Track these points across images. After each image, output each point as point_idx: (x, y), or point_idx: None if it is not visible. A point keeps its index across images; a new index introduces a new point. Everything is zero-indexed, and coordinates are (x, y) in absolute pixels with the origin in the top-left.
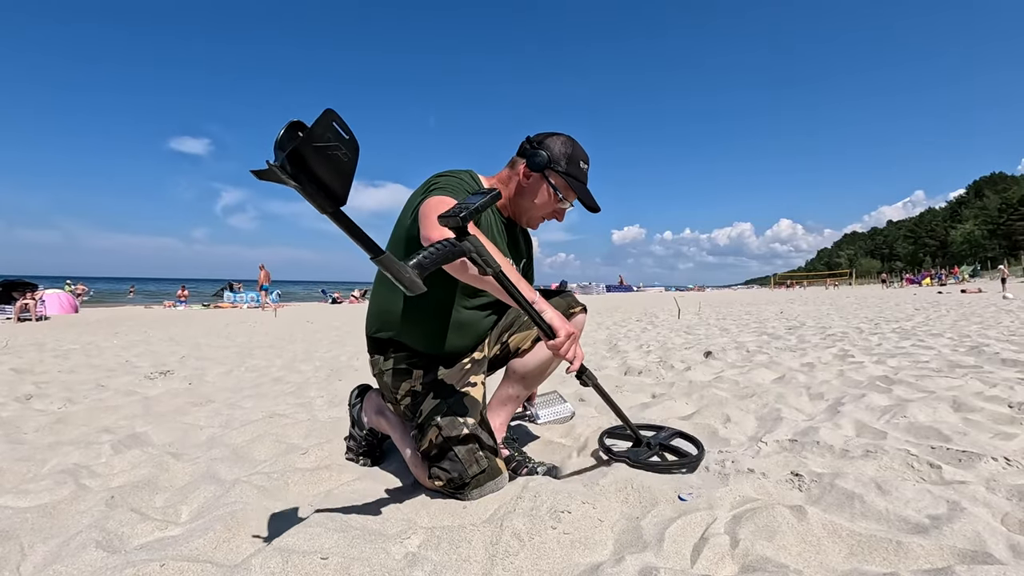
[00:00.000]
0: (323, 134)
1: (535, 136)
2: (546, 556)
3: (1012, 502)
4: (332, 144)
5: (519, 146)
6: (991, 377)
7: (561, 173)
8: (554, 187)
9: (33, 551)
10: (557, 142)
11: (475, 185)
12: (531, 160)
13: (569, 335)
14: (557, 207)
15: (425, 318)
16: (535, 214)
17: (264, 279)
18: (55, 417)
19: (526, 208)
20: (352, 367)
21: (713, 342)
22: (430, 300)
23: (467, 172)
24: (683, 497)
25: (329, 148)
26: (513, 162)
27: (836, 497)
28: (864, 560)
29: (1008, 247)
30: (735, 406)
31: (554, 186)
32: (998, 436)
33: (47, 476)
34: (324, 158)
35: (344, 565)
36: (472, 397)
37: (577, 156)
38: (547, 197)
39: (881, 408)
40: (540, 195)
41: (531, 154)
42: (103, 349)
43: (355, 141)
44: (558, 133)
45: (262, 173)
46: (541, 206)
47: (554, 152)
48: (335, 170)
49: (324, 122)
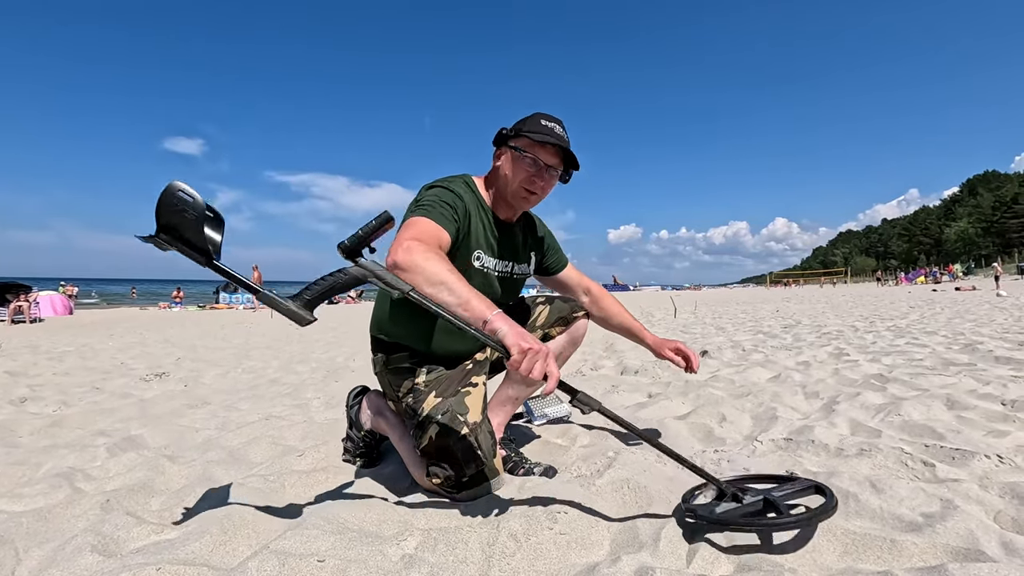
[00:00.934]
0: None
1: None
2: (543, 556)
3: (1005, 500)
4: (179, 209)
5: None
6: (985, 375)
7: (522, 134)
8: (518, 149)
9: (28, 555)
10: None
11: (465, 195)
12: (496, 139)
13: (524, 352)
14: (528, 171)
15: (425, 324)
16: (514, 188)
17: (256, 280)
18: (50, 420)
19: (505, 184)
20: (349, 368)
21: (709, 341)
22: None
23: (461, 179)
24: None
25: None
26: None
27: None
28: (858, 559)
29: (1002, 245)
30: (731, 405)
31: (518, 148)
32: (991, 434)
33: (42, 480)
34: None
35: (341, 567)
36: (473, 397)
37: (536, 117)
38: (514, 162)
39: (876, 406)
40: (511, 165)
41: (496, 137)
42: (98, 351)
43: (200, 202)
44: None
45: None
46: (514, 176)
47: (515, 124)
48: (192, 229)
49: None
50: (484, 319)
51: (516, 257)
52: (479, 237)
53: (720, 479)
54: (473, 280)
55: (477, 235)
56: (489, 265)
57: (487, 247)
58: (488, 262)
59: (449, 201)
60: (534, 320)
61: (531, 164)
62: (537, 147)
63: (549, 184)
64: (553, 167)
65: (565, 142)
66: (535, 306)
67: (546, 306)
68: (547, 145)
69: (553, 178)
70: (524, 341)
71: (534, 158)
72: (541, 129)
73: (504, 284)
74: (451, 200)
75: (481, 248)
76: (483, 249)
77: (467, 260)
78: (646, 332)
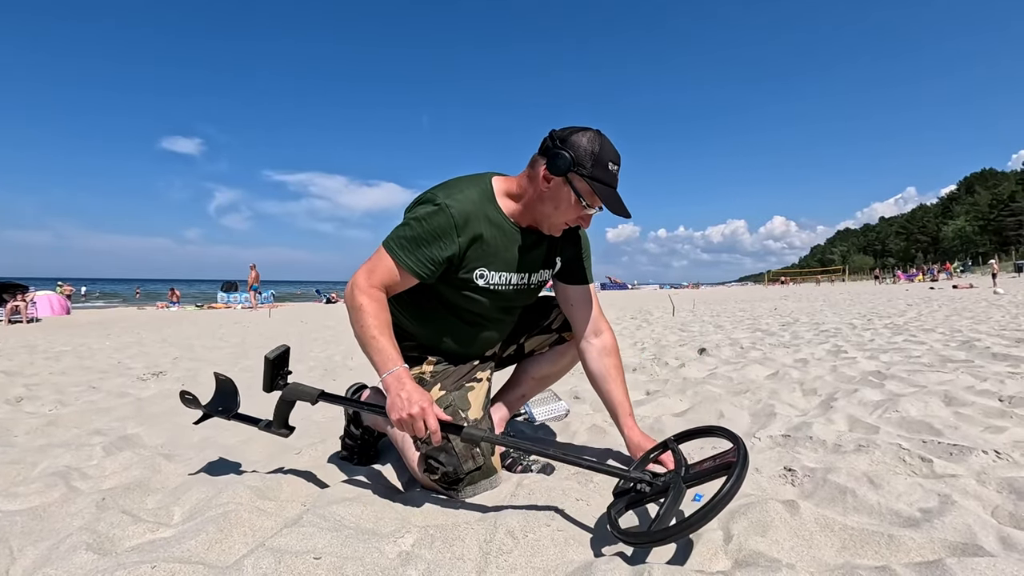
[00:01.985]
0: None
1: (559, 132)
2: (540, 553)
3: (1002, 495)
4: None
5: (541, 142)
6: (982, 371)
7: (586, 177)
8: (578, 193)
9: (23, 554)
10: (583, 139)
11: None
12: (552, 163)
13: (400, 422)
14: (582, 214)
15: (432, 330)
16: (557, 221)
17: (254, 279)
18: (46, 419)
19: (547, 214)
20: (346, 366)
21: (707, 339)
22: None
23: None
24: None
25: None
26: (534, 161)
27: (829, 492)
28: (856, 554)
29: (999, 243)
30: (729, 402)
31: (578, 192)
32: (989, 429)
33: (38, 479)
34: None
35: (337, 565)
36: (476, 392)
37: (606, 157)
38: (570, 204)
39: (873, 403)
40: (562, 201)
41: (552, 155)
42: (95, 351)
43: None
44: (585, 128)
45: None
46: (563, 212)
47: (579, 152)
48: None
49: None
50: (380, 375)
51: (534, 266)
52: (485, 255)
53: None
54: (475, 296)
55: (481, 253)
56: (500, 281)
57: (501, 263)
58: (499, 278)
59: (430, 235)
60: (550, 322)
61: (585, 209)
62: (597, 200)
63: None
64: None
65: (628, 213)
66: (552, 308)
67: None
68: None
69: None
70: (399, 411)
71: (592, 210)
72: (608, 179)
73: (517, 295)
74: (435, 233)
75: (486, 266)
76: (488, 266)
77: (469, 278)
78: (632, 421)
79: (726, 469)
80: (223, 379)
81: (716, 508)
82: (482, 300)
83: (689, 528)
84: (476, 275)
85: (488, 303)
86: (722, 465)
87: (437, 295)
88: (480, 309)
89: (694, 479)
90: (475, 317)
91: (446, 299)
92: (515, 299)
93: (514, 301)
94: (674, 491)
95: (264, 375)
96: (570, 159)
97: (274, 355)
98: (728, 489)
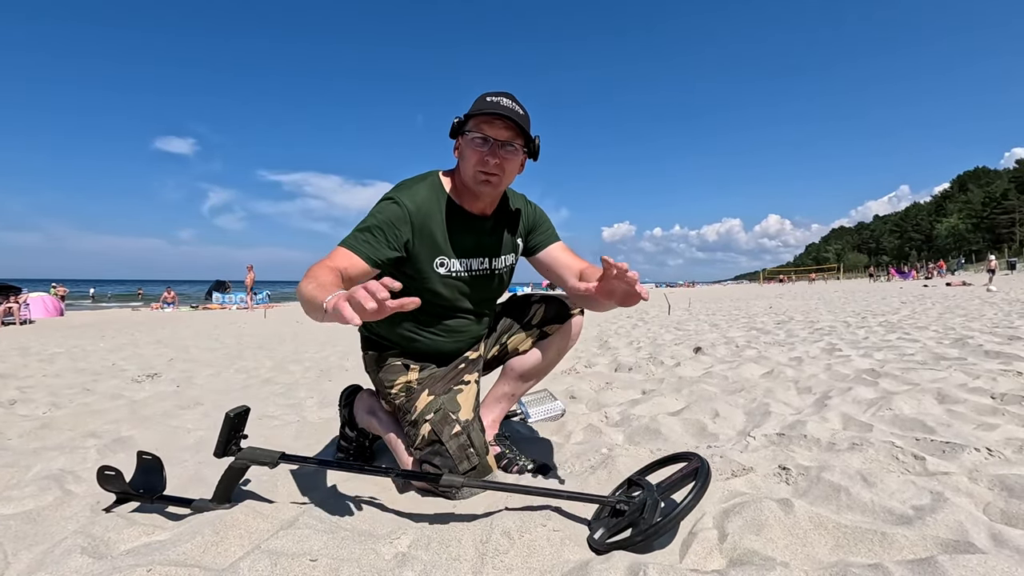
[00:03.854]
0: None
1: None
2: (536, 553)
3: (994, 492)
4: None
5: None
6: (975, 369)
7: (469, 116)
8: (467, 131)
9: (17, 558)
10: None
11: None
12: (451, 131)
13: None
14: (479, 151)
15: (415, 326)
16: (471, 173)
17: (250, 281)
18: (40, 422)
19: (463, 174)
20: (342, 367)
21: (703, 338)
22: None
23: (426, 181)
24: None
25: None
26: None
27: (823, 490)
28: (850, 552)
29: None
30: (724, 401)
31: (467, 130)
32: (981, 427)
33: (31, 482)
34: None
35: (334, 566)
36: (466, 394)
37: (482, 96)
38: (467, 148)
39: (867, 401)
40: (463, 151)
41: (451, 128)
42: (89, 352)
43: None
44: None
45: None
46: (469, 161)
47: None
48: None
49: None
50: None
51: (494, 251)
52: (441, 242)
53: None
54: (438, 287)
55: (437, 241)
56: (460, 268)
57: (453, 250)
58: (455, 265)
59: (384, 224)
60: (530, 318)
61: (481, 143)
62: (483, 124)
63: (507, 162)
64: (507, 141)
65: (514, 112)
66: (531, 304)
67: (542, 304)
68: (495, 120)
69: (511, 154)
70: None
71: (483, 136)
72: (486, 105)
73: (483, 282)
74: (388, 221)
75: (444, 254)
76: (447, 254)
77: (428, 269)
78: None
79: (692, 475)
80: (148, 458)
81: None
82: (446, 290)
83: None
84: (436, 264)
85: (453, 292)
86: (688, 472)
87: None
88: (448, 298)
89: (666, 490)
90: (445, 310)
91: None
92: (480, 286)
93: (480, 288)
94: (650, 502)
95: (220, 435)
96: (459, 117)
97: (234, 413)
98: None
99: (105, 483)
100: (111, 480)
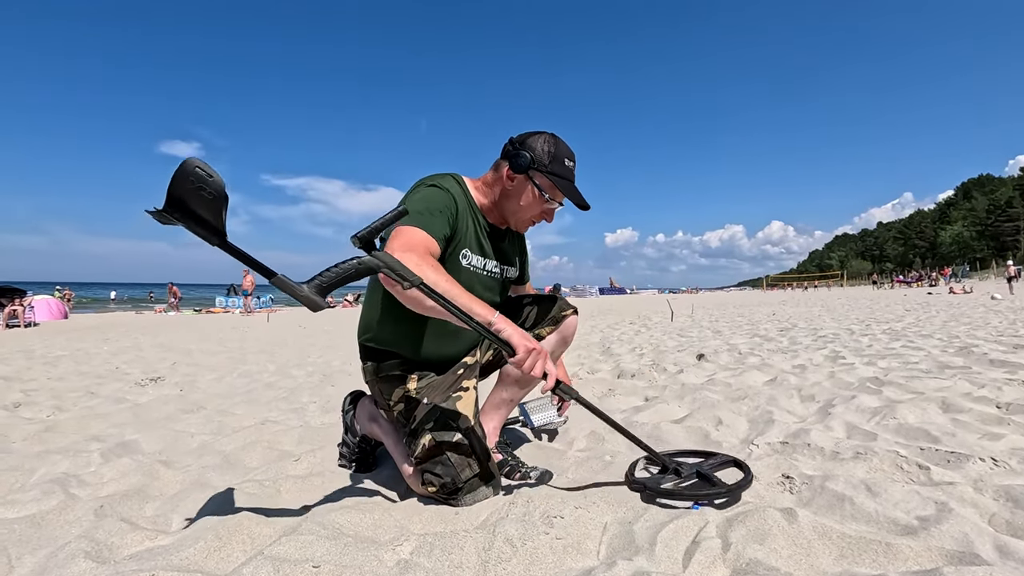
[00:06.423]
0: (187, 178)
1: (517, 136)
2: (539, 562)
3: (999, 503)
4: (196, 186)
5: (502, 148)
6: (979, 378)
7: (545, 172)
8: (539, 187)
9: (21, 563)
10: (539, 141)
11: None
12: (514, 162)
13: (529, 351)
14: (544, 208)
15: (414, 327)
16: (522, 216)
17: (248, 285)
18: (44, 425)
19: (513, 211)
20: (345, 372)
21: (706, 344)
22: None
23: (452, 178)
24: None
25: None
26: (497, 164)
27: (826, 499)
28: (854, 562)
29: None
30: (727, 408)
31: (539, 186)
32: (986, 436)
33: (35, 486)
34: (196, 199)
35: (336, 573)
36: (465, 402)
37: (561, 154)
38: (533, 198)
39: (871, 409)
40: (525, 197)
41: (513, 155)
42: (92, 356)
43: (219, 180)
44: (540, 132)
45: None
46: (527, 208)
47: (537, 152)
48: (206, 207)
49: (186, 169)
50: (488, 320)
51: (507, 260)
52: (469, 237)
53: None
54: (460, 277)
55: (468, 235)
56: (478, 265)
57: (478, 248)
58: (477, 261)
59: (440, 207)
60: (523, 320)
61: (547, 203)
62: (558, 192)
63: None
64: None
65: (586, 204)
66: (523, 307)
67: (534, 306)
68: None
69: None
70: (528, 341)
71: (554, 203)
72: (565, 174)
73: (492, 285)
74: (443, 205)
75: (470, 247)
76: (473, 249)
77: (456, 258)
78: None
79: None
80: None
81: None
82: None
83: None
84: (461, 255)
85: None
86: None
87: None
88: None
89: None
90: None
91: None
92: (490, 288)
93: (489, 291)
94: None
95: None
96: (529, 158)
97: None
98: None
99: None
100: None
